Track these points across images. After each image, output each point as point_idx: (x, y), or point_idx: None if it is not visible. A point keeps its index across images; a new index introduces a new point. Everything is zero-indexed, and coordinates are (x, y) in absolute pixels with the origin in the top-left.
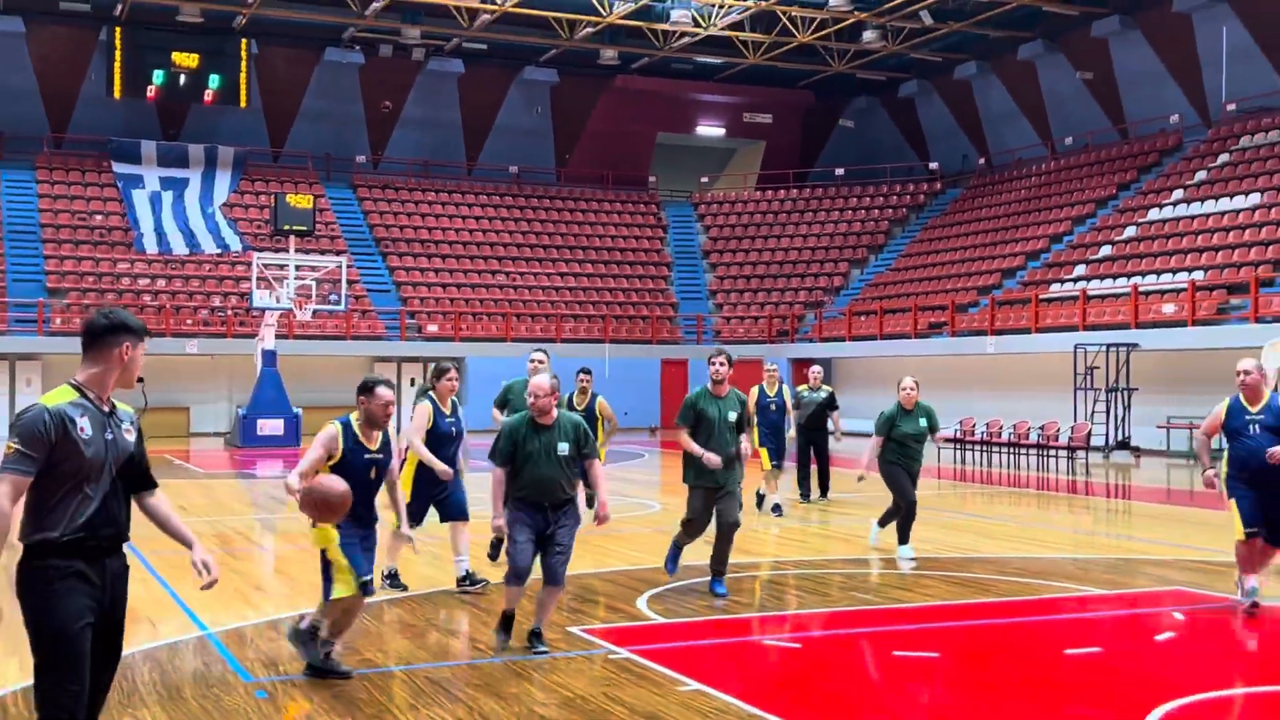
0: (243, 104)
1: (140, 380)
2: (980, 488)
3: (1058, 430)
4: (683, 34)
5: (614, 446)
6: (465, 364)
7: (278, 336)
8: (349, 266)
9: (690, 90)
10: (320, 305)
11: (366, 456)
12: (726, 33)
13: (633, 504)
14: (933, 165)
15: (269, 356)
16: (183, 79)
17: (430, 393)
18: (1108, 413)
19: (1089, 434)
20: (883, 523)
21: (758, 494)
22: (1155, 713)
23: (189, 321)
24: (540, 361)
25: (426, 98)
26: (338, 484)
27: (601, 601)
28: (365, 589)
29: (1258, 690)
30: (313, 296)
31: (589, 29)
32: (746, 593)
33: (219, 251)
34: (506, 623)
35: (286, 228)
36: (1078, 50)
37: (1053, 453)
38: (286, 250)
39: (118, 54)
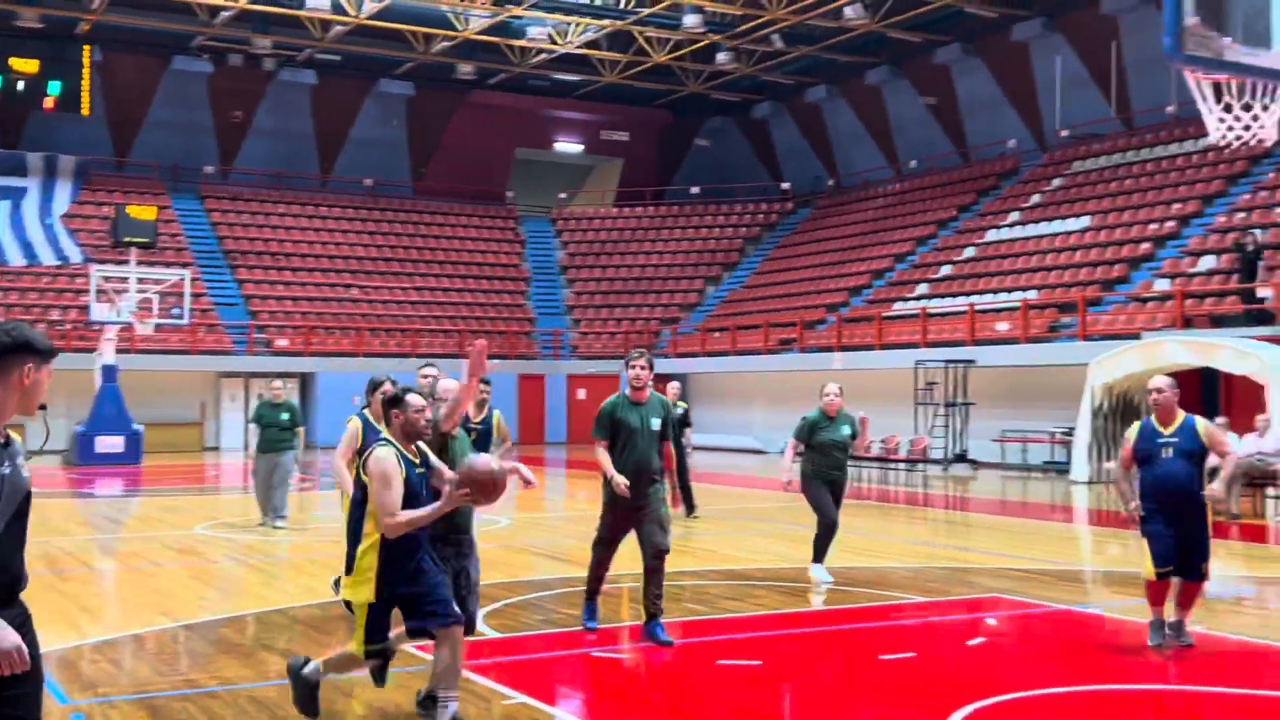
0: (85, 112)
1: (43, 407)
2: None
3: (898, 443)
4: (539, 51)
5: None
6: (316, 379)
7: (119, 351)
8: (195, 279)
9: (548, 107)
10: (162, 319)
11: (419, 472)
12: (583, 51)
13: (479, 520)
14: (785, 185)
15: (109, 371)
16: (21, 85)
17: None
18: (946, 427)
19: (927, 447)
20: (818, 557)
21: None
22: (957, 714)
23: None
24: (432, 377)
25: (278, 108)
26: (480, 462)
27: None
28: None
29: (1059, 691)
30: (155, 310)
31: (445, 43)
32: (578, 606)
33: (58, 263)
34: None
35: (128, 240)
36: (921, 76)
37: (893, 465)
38: (127, 263)
39: None
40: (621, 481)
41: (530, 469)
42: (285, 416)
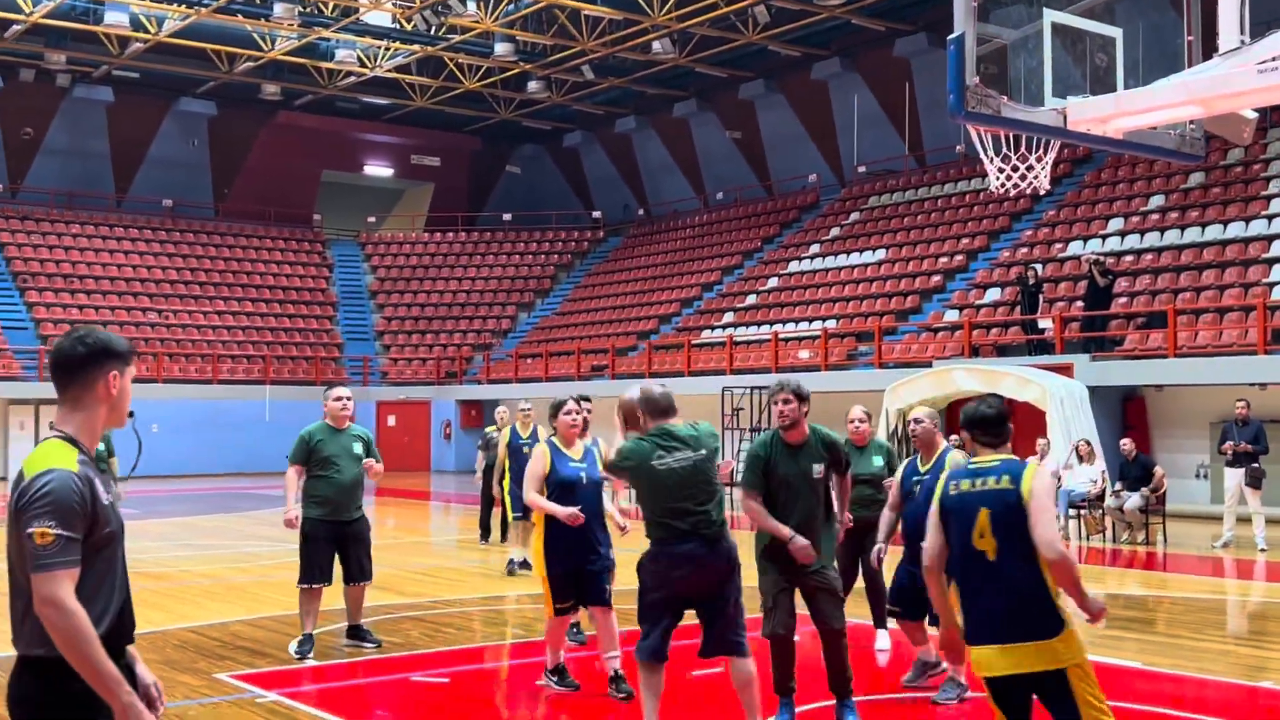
0: None
1: (131, 414)
2: (632, 523)
3: (733, 469)
4: (348, 73)
5: (265, 489)
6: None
7: None
8: None
9: (357, 130)
10: None
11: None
12: (393, 75)
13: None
14: (596, 214)
15: None
16: None
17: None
18: None
19: (734, 470)
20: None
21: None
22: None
23: None
24: (347, 398)
25: (72, 125)
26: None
27: (251, 648)
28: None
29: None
30: None
31: (250, 63)
32: (400, 632)
33: None
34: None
35: None
36: (728, 110)
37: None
38: None
39: None
40: (802, 543)
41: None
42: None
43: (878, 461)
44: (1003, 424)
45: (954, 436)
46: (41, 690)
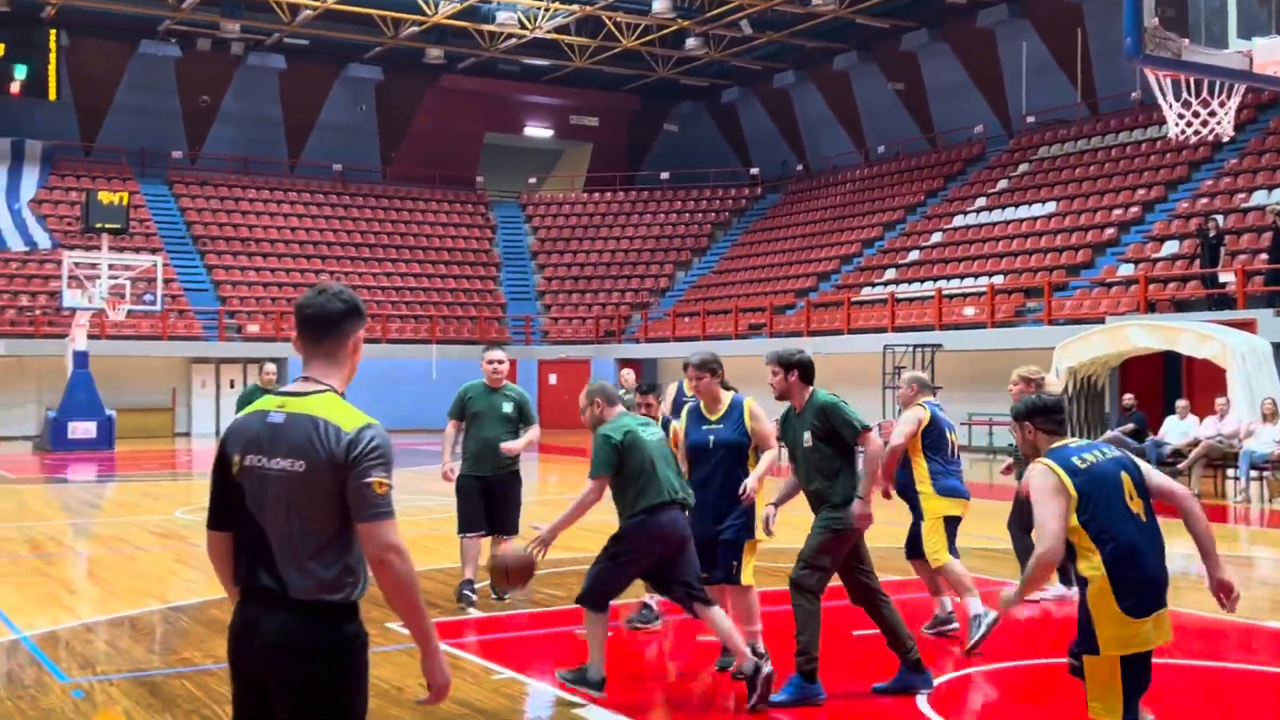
0: (52, 96)
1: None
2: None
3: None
4: (509, 35)
5: (426, 445)
6: (287, 364)
7: (90, 336)
8: (165, 265)
9: (517, 91)
10: (134, 305)
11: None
12: (552, 36)
13: (437, 504)
14: (754, 170)
15: (80, 358)
16: None
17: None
18: None
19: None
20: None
21: None
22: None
23: None
24: (498, 361)
25: (246, 93)
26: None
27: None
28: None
29: (1020, 664)
30: (126, 296)
31: (414, 28)
32: (564, 586)
33: (26, 249)
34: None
35: (99, 225)
36: (889, 62)
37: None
38: (98, 249)
39: None
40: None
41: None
42: None
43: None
44: (1063, 410)
45: (1127, 396)
46: (326, 634)
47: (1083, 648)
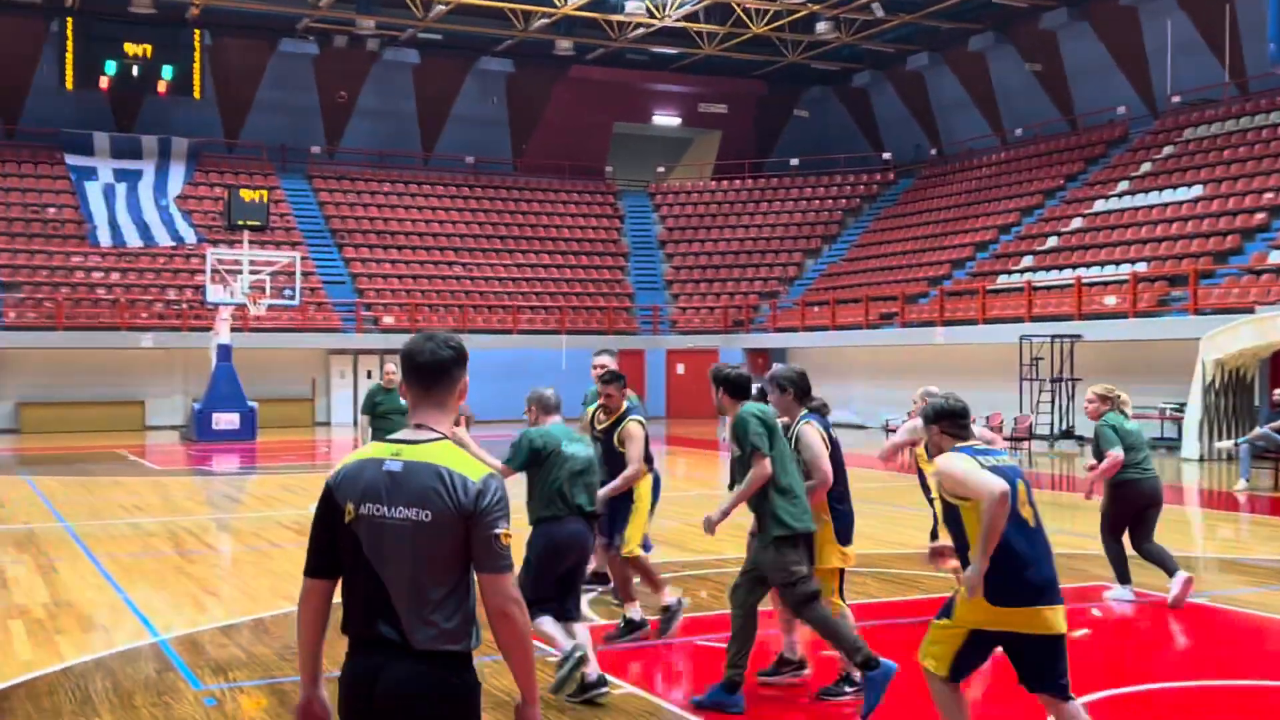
0: (196, 95)
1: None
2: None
3: (1002, 421)
4: (637, 25)
5: None
6: None
7: (233, 330)
8: (304, 258)
9: (646, 80)
10: (274, 299)
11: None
12: (681, 24)
13: None
14: (886, 155)
15: (223, 350)
16: (135, 70)
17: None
18: (1052, 403)
19: (1032, 425)
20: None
21: None
22: None
23: (144, 315)
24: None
25: (381, 88)
26: None
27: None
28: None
29: (1166, 686)
30: (267, 290)
31: (544, 20)
32: (687, 592)
33: (173, 244)
34: None
35: (240, 222)
36: (1027, 42)
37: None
38: (240, 244)
39: (69, 44)
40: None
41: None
42: (405, 402)
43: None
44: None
45: (1278, 391)
46: (450, 682)
47: (944, 614)
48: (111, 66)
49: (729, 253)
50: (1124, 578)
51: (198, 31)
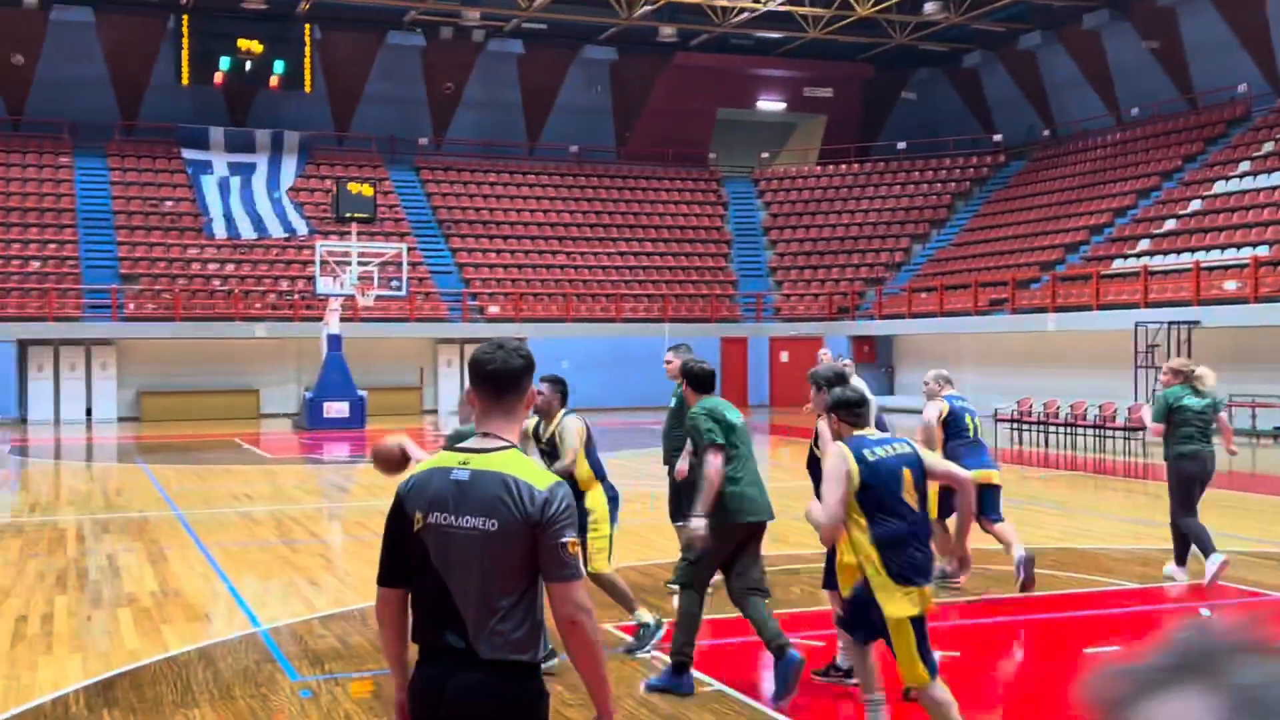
0: (307, 89)
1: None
2: (1036, 470)
3: (1115, 410)
4: (741, 10)
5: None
6: (526, 344)
7: (342, 320)
8: (411, 249)
9: (750, 66)
10: (382, 290)
11: None
12: (785, 8)
13: None
14: (996, 137)
15: (334, 340)
16: (248, 65)
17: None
18: None
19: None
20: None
21: None
22: None
23: (257, 305)
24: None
25: (487, 79)
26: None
27: (639, 597)
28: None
29: None
30: (375, 281)
31: (647, 6)
32: (781, 587)
33: (286, 235)
34: None
35: (348, 215)
36: (1144, 18)
37: (1110, 433)
38: (349, 236)
39: (185, 41)
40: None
41: None
42: None
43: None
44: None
45: None
46: (518, 692)
47: (828, 582)
48: (225, 62)
49: (834, 239)
50: (1206, 549)
51: (308, 26)
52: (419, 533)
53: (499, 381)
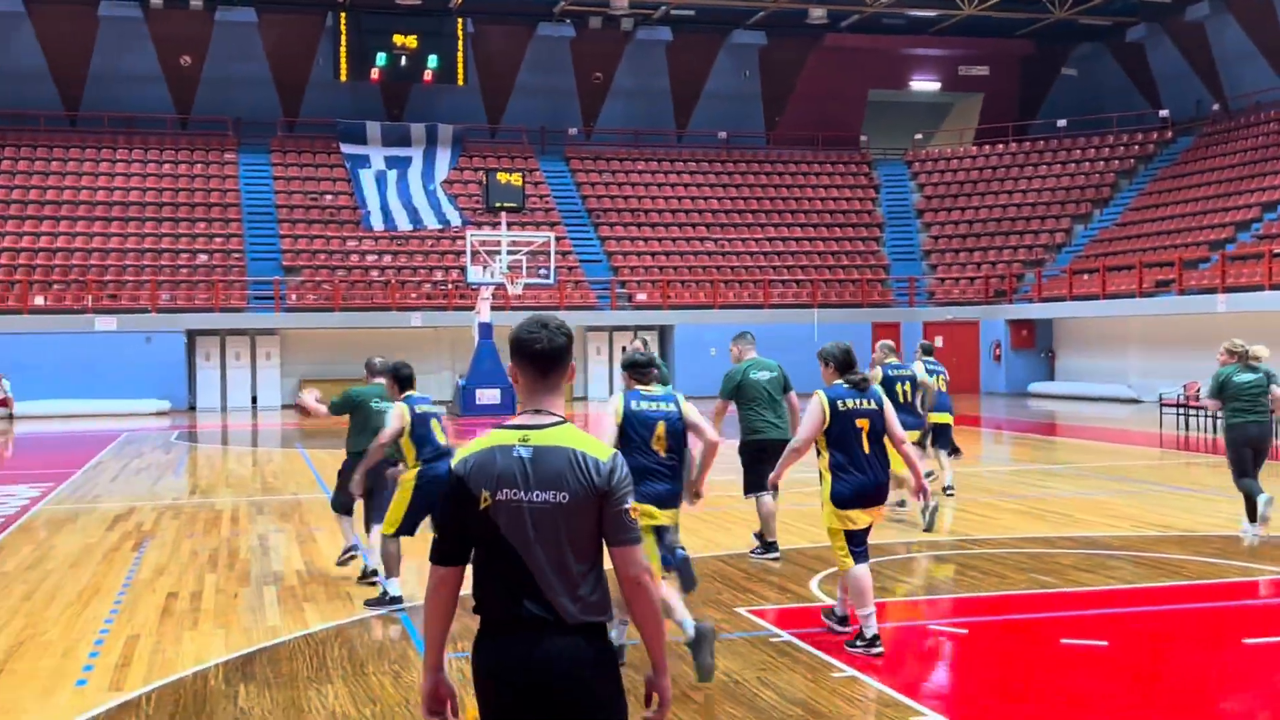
0: (460, 82)
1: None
2: (1203, 458)
3: None
4: None
5: None
6: (673, 331)
7: (494, 309)
8: (561, 238)
9: (902, 45)
10: (530, 279)
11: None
12: None
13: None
14: (1163, 112)
15: (485, 329)
16: (403, 60)
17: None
18: None
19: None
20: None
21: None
22: None
23: (413, 295)
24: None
25: (636, 67)
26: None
27: (775, 581)
28: None
29: None
30: (523, 270)
31: None
32: (923, 574)
33: (440, 227)
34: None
35: (498, 205)
36: None
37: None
38: (499, 226)
39: (343, 39)
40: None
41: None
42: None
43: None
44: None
45: None
46: (601, 651)
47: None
48: (381, 58)
49: (991, 220)
50: (1250, 498)
51: (460, 20)
52: (486, 510)
53: (546, 359)
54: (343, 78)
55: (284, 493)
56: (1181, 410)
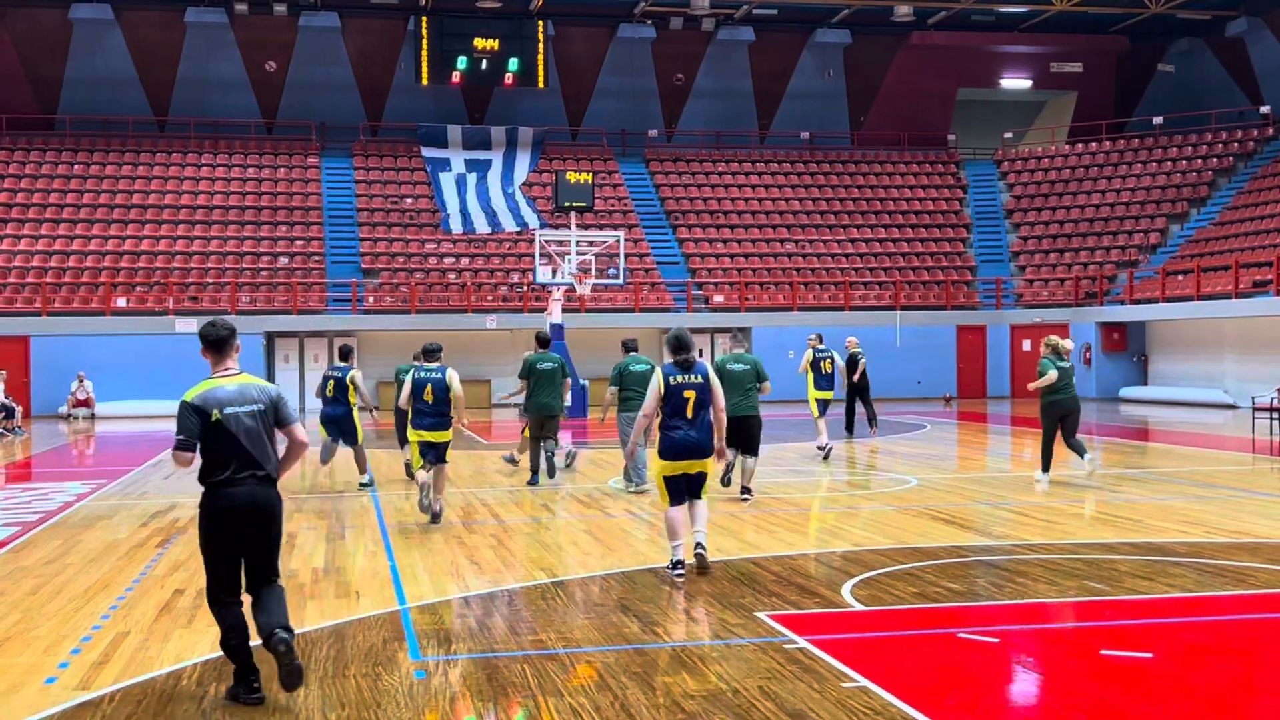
0: (540, 85)
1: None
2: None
3: None
4: None
5: (892, 416)
6: (751, 333)
7: (571, 311)
8: (639, 240)
9: (992, 42)
10: (598, 280)
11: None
12: None
13: (885, 479)
14: (1264, 109)
15: (556, 330)
16: (484, 64)
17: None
18: None
19: None
20: None
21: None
22: None
23: (489, 298)
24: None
25: (717, 68)
26: None
27: (805, 585)
28: None
29: None
30: (592, 271)
31: None
32: (965, 578)
33: (518, 230)
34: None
35: (566, 204)
36: None
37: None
38: (576, 227)
39: (424, 43)
40: None
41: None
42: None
43: None
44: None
45: None
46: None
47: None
48: (463, 62)
49: (1083, 220)
50: None
51: (541, 23)
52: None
53: (222, 343)
54: (424, 81)
55: (330, 491)
56: (1277, 415)
